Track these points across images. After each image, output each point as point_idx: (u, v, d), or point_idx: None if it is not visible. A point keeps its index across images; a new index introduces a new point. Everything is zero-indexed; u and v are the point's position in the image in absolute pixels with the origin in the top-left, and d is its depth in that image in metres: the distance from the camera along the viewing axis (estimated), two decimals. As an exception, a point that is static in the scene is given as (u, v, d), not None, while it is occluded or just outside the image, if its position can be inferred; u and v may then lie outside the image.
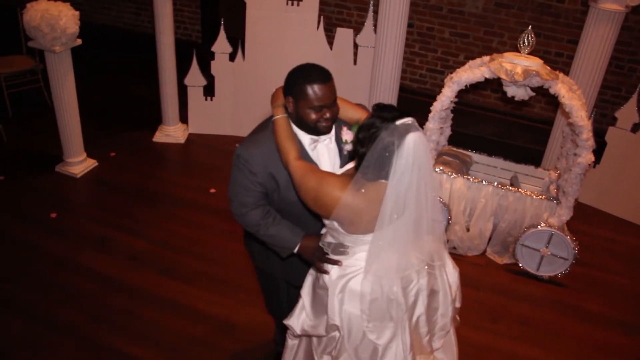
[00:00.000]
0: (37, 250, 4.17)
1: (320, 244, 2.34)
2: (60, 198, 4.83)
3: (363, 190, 2.08)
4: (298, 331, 2.45)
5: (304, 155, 2.32)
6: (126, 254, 4.19)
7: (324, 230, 2.38)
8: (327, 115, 2.24)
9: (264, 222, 2.40)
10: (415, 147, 1.97)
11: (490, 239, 4.42)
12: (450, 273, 2.44)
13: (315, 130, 2.29)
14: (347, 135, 2.36)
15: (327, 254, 2.30)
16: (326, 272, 2.29)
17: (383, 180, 2.04)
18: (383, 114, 2.04)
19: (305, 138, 2.36)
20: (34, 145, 5.61)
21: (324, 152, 2.40)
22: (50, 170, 5.17)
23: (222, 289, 3.90)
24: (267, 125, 2.41)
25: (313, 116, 2.24)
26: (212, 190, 5.06)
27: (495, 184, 4.26)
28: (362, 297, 2.24)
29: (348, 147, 2.39)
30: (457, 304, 2.56)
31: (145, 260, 4.14)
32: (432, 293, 2.36)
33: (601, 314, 3.98)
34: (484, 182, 4.26)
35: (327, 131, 2.33)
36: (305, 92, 2.20)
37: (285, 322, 2.48)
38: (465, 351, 3.53)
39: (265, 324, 3.54)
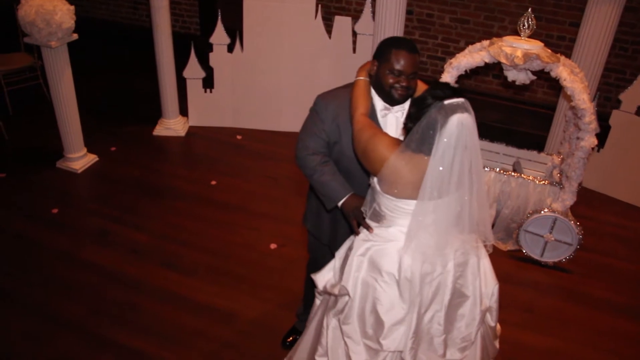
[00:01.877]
0: (39, 245, 4.17)
1: (362, 207, 2.40)
2: (61, 193, 4.82)
3: (407, 157, 2.11)
4: (320, 287, 2.53)
5: (373, 118, 2.41)
6: (127, 248, 4.18)
7: (369, 196, 2.41)
8: (404, 83, 2.34)
9: (320, 168, 2.52)
10: (459, 127, 1.99)
11: (493, 225, 4.38)
12: (488, 284, 2.41)
13: (390, 96, 2.39)
14: None
15: (365, 216, 2.37)
16: (357, 233, 2.38)
17: (425, 156, 2.07)
18: (435, 92, 2.07)
19: (379, 103, 2.46)
20: (34, 141, 5.60)
21: (393, 122, 2.49)
22: (51, 166, 5.17)
23: (223, 280, 3.89)
24: (349, 85, 2.55)
25: (390, 80, 2.34)
26: (213, 182, 5.04)
27: (498, 169, 4.22)
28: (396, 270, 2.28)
29: None
30: (492, 322, 2.51)
31: (146, 253, 4.13)
32: (461, 296, 2.33)
33: (606, 300, 3.94)
34: (486, 168, 4.22)
35: (400, 100, 2.41)
36: (389, 55, 2.33)
37: (312, 275, 2.57)
38: (469, 339, 3.52)
39: (267, 314, 3.53)
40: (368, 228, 2.35)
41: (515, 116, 6.33)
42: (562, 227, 4.04)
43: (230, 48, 5.62)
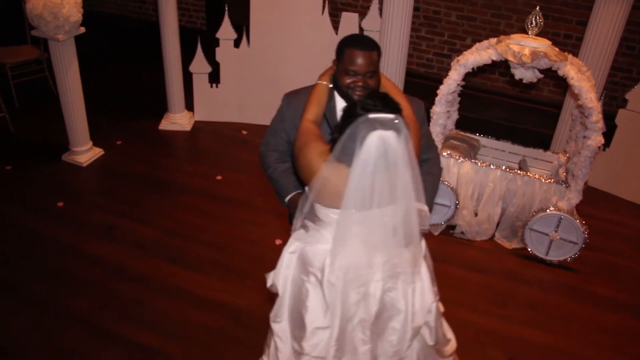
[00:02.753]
0: (45, 239, 4.18)
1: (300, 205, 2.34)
2: (66, 187, 4.83)
3: (333, 166, 2.04)
4: (267, 285, 2.49)
5: (333, 120, 2.40)
6: (133, 242, 4.19)
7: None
8: (360, 83, 2.27)
9: (275, 165, 2.56)
10: (378, 145, 1.90)
11: (498, 223, 4.39)
12: (425, 299, 2.32)
13: (348, 97, 2.32)
14: None
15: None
16: (293, 230, 2.33)
17: (347, 167, 1.99)
18: (365, 103, 1.99)
19: (340, 104, 2.40)
20: (40, 134, 5.61)
21: None
22: (57, 159, 5.18)
23: (229, 276, 3.90)
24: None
25: (346, 80, 2.29)
26: (219, 178, 5.05)
27: (504, 167, 4.21)
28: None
29: None
30: (430, 340, 2.42)
31: (152, 248, 4.14)
32: (393, 309, 2.27)
33: (611, 299, 3.94)
34: (492, 166, 4.22)
35: None
36: (344, 54, 2.28)
37: (266, 274, 2.52)
38: (474, 336, 3.53)
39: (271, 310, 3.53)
40: (303, 226, 2.30)
41: (521, 114, 6.32)
42: (567, 226, 4.04)
43: (237, 43, 5.62)
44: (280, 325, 2.42)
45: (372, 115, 1.93)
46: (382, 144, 1.90)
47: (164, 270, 3.93)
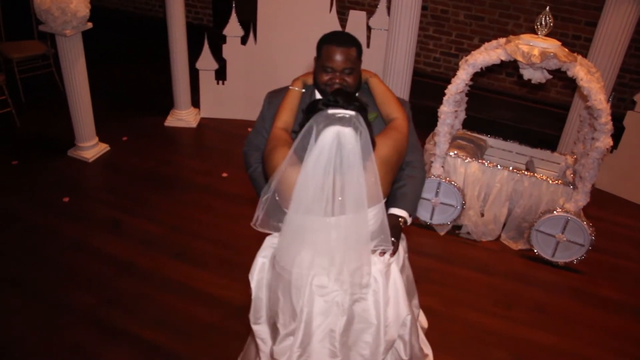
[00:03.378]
0: (51, 234, 4.18)
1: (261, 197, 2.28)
2: (72, 182, 4.83)
3: (292, 162, 1.99)
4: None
5: None
6: (139, 238, 4.19)
7: None
8: (336, 80, 2.23)
9: (255, 165, 2.55)
10: (333, 141, 1.85)
11: (505, 224, 4.37)
12: (399, 312, 2.25)
13: (325, 94, 2.26)
14: None
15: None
16: (252, 224, 2.24)
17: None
18: (327, 98, 1.95)
19: None
20: (46, 129, 5.62)
21: None
22: (63, 154, 5.18)
23: (234, 273, 3.89)
24: None
25: (323, 77, 2.26)
26: (225, 175, 5.04)
27: (511, 168, 4.20)
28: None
29: None
30: (404, 355, 2.35)
31: (158, 244, 4.14)
32: (364, 322, 2.22)
33: (617, 301, 3.93)
34: (499, 167, 4.20)
35: None
36: (321, 51, 2.27)
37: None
38: (480, 337, 3.52)
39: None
40: (275, 229, 2.22)
41: (528, 115, 6.30)
42: (574, 228, 4.02)
43: (244, 40, 5.61)
44: (261, 327, 2.42)
45: (331, 111, 1.89)
46: (338, 140, 1.86)
47: (169, 267, 3.93)
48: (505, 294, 3.91)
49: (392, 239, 2.17)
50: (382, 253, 2.20)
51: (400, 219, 2.33)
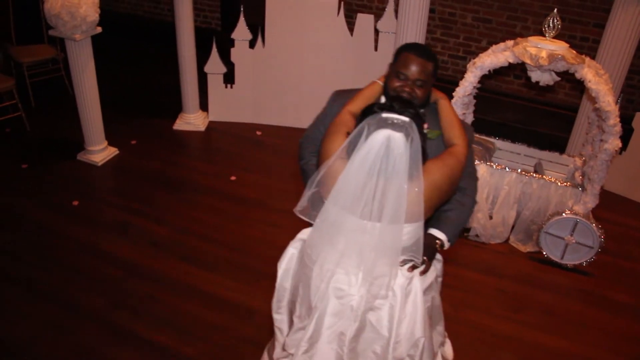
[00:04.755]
0: (60, 237, 4.21)
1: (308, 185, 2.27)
2: (82, 186, 4.86)
3: (340, 157, 1.99)
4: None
5: None
6: (148, 241, 4.21)
7: None
8: (406, 89, 2.22)
9: (308, 157, 2.55)
10: (383, 144, 1.85)
11: (513, 226, 4.36)
12: (414, 332, 2.19)
13: None
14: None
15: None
16: (295, 210, 2.20)
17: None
18: (385, 102, 1.96)
19: None
20: (56, 133, 5.66)
21: None
22: (72, 158, 5.22)
23: (242, 275, 3.90)
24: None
25: (394, 83, 2.25)
26: (233, 178, 5.06)
27: (519, 170, 4.19)
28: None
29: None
30: None
31: (166, 247, 4.16)
32: (376, 332, 2.19)
33: (627, 304, 3.91)
34: (507, 169, 4.19)
35: None
36: (398, 56, 2.27)
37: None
38: (488, 340, 3.51)
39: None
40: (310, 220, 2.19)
41: (537, 117, 6.28)
42: (583, 230, 4.00)
43: (252, 44, 5.63)
44: (281, 317, 2.44)
45: (385, 115, 1.90)
46: (387, 143, 1.86)
47: (178, 269, 3.94)
48: (514, 296, 3.90)
49: (424, 257, 2.16)
50: (412, 268, 2.17)
51: (437, 241, 2.30)
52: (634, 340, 3.61)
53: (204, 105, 6.01)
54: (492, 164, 4.23)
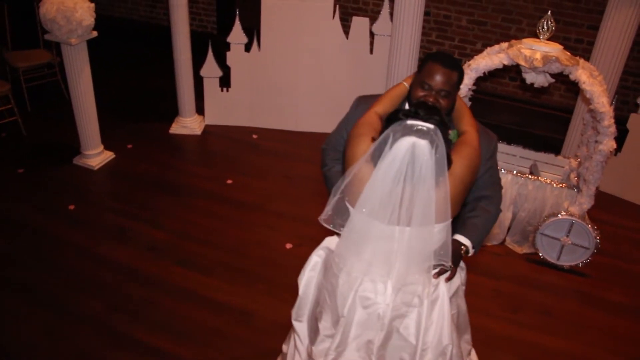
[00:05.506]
0: (57, 241, 4.21)
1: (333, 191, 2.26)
2: (78, 190, 4.86)
3: (365, 164, 1.99)
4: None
5: None
6: (145, 245, 4.21)
7: None
8: (430, 99, 2.20)
9: (331, 164, 2.54)
10: (408, 151, 1.85)
11: (509, 228, 4.37)
12: (442, 339, 2.19)
13: None
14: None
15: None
16: (320, 219, 2.18)
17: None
18: (410, 109, 1.95)
19: None
20: (52, 137, 5.65)
21: None
22: (68, 162, 5.21)
23: (240, 279, 3.90)
24: None
25: (419, 93, 2.24)
26: (229, 181, 5.06)
27: (515, 172, 4.20)
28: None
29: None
30: None
31: (163, 251, 4.16)
32: (404, 340, 2.19)
33: (623, 304, 3.92)
34: (503, 171, 4.20)
35: None
36: (423, 66, 2.25)
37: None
38: (486, 341, 3.51)
39: (283, 313, 3.53)
40: (334, 230, 2.18)
41: (532, 119, 6.30)
42: (579, 231, 4.02)
43: (248, 47, 5.64)
44: (301, 325, 2.43)
45: (410, 122, 1.89)
46: (412, 150, 1.85)
47: (175, 273, 3.94)
48: (511, 298, 3.91)
49: (450, 263, 2.14)
50: (437, 275, 2.18)
51: (462, 247, 2.29)
52: (630, 340, 3.63)
53: (200, 109, 6.01)
54: (487, 165, 4.24)
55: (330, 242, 2.36)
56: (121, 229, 4.38)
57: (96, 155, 5.22)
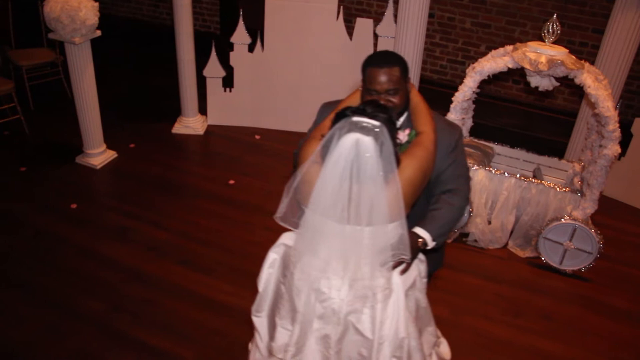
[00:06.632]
0: (59, 240, 4.20)
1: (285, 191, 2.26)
2: (80, 189, 4.86)
3: (313, 162, 1.99)
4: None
5: None
6: (146, 245, 4.20)
7: None
8: (382, 102, 2.17)
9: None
10: (352, 148, 1.85)
11: (512, 232, 4.36)
12: (396, 334, 2.18)
13: None
14: (402, 135, 2.21)
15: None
16: (275, 217, 2.18)
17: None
18: (357, 106, 1.96)
19: None
20: (54, 136, 5.65)
21: None
22: (71, 161, 5.21)
23: (241, 279, 3.89)
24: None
25: (368, 99, 2.22)
26: (231, 182, 5.05)
27: (518, 176, 4.19)
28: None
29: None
30: None
31: (165, 251, 4.15)
32: (360, 335, 2.19)
33: (626, 310, 3.90)
34: (506, 174, 4.19)
35: None
36: (364, 74, 2.24)
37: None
38: (487, 345, 3.50)
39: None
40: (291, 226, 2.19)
41: (535, 122, 6.29)
42: (582, 236, 4.00)
43: (251, 48, 5.64)
44: (261, 320, 2.45)
45: (355, 118, 1.89)
46: (356, 147, 1.85)
47: (175, 273, 3.93)
48: (512, 302, 3.89)
49: (409, 255, 2.13)
50: (396, 265, 2.17)
51: (420, 240, 2.26)
52: (632, 346, 3.61)
53: (202, 109, 6.01)
54: (491, 169, 4.23)
55: (286, 238, 2.36)
56: (123, 228, 4.37)
57: (99, 155, 5.22)
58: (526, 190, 4.18)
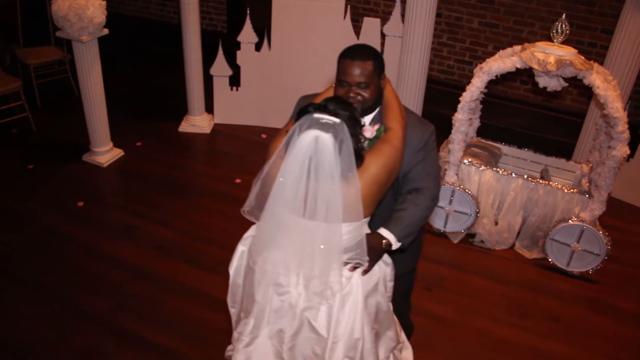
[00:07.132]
0: (65, 239, 4.21)
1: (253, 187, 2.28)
2: (87, 187, 4.87)
3: (279, 158, 1.98)
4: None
5: None
6: (152, 243, 4.21)
7: None
8: (351, 94, 2.21)
9: None
10: (310, 145, 1.85)
11: (519, 233, 4.33)
12: (351, 334, 2.17)
13: None
14: (367, 132, 2.20)
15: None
16: (242, 211, 2.20)
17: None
18: (320, 103, 1.96)
19: None
20: (61, 134, 5.67)
21: None
22: (77, 159, 5.22)
23: (246, 279, 3.89)
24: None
25: (339, 91, 2.23)
26: (238, 181, 5.05)
27: (525, 176, 4.16)
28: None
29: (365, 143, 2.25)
30: None
31: (171, 250, 4.15)
32: (315, 333, 2.18)
33: (634, 312, 3.87)
34: (513, 175, 4.17)
35: None
36: (338, 65, 2.24)
37: None
38: (492, 346, 3.49)
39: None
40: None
41: (543, 123, 6.25)
42: (589, 237, 3.97)
43: (258, 47, 5.63)
44: (235, 312, 2.49)
45: (316, 115, 1.90)
46: (315, 143, 1.85)
47: (181, 272, 3.93)
48: (519, 303, 3.87)
49: (367, 258, 2.10)
50: (353, 269, 2.15)
51: (384, 241, 2.22)
52: (638, 348, 3.58)
53: (209, 108, 6.01)
54: (498, 169, 4.21)
55: (254, 230, 2.36)
56: (129, 226, 4.38)
57: (105, 153, 5.23)
58: (533, 191, 4.16)
